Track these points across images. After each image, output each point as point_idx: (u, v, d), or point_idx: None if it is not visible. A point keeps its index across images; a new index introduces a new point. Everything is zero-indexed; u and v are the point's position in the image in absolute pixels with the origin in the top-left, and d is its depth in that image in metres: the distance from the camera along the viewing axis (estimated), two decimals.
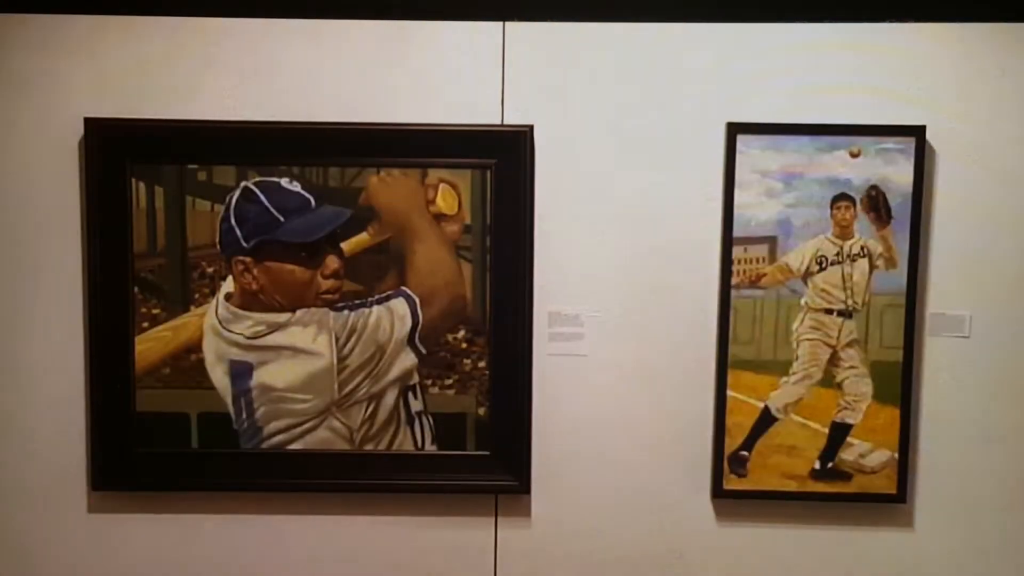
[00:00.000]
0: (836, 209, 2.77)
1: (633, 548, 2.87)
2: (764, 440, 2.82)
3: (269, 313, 2.81)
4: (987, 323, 2.80)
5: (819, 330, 2.79)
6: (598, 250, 2.82)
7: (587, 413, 2.85)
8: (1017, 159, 2.78)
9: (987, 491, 2.83)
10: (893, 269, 2.77)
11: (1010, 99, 2.77)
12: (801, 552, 2.86)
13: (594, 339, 2.83)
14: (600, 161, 2.81)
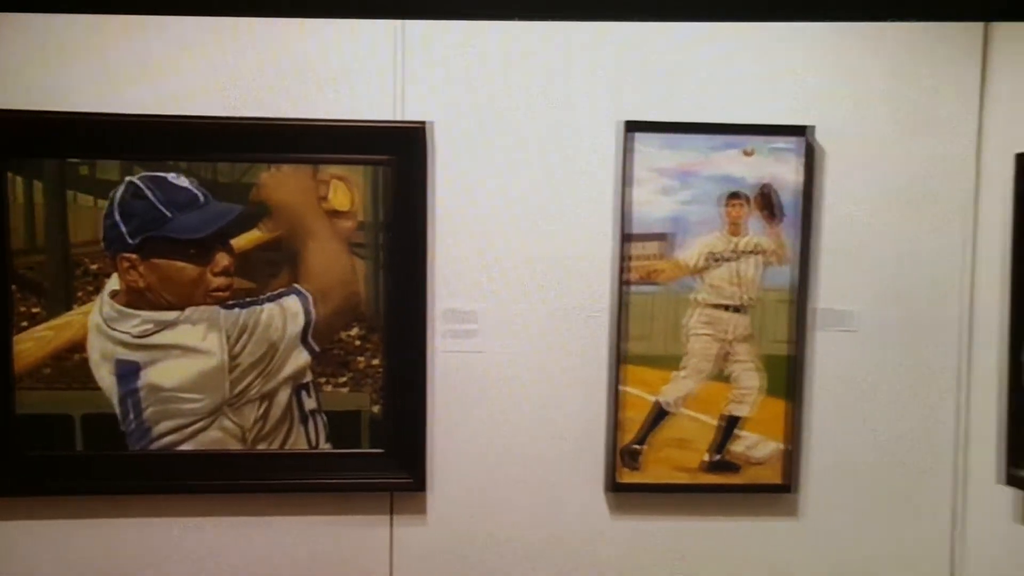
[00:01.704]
0: (729, 207, 2.81)
1: (528, 543, 2.88)
2: (656, 434, 2.85)
3: (157, 311, 2.73)
4: (873, 318, 2.88)
5: (711, 325, 2.84)
6: (495, 247, 2.81)
7: (482, 409, 2.84)
8: (901, 158, 2.86)
9: (869, 481, 2.92)
10: (783, 265, 2.83)
11: (895, 99, 2.85)
12: (693, 543, 2.91)
13: (489, 336, 2.83)
14: (497, 158, 2.79)
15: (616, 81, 2.80)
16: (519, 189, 2.80)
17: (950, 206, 2.88)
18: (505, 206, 2.80)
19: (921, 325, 2.89)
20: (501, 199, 2.80)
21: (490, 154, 2.79)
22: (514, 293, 2.83)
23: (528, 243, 2.82)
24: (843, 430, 2.90)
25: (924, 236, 2.88)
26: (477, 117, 2.78)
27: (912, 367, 2.89)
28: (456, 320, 2.81)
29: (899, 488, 2.92)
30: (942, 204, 2.88)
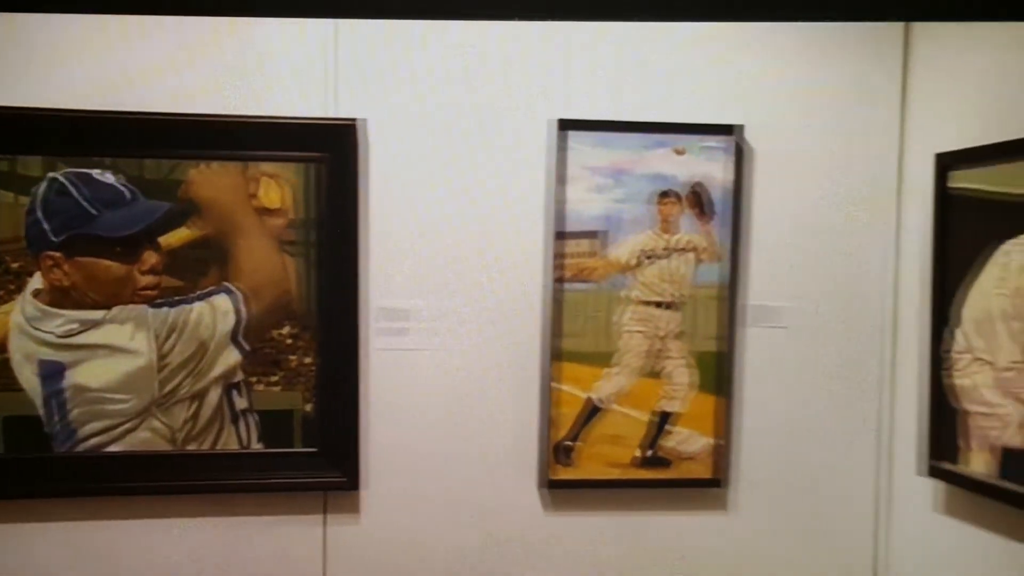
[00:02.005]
0: (661, 205, 2.84)
1: (463, 541, 2.87)
2: (590, 430, 2.87)
3: (82, 311, 2.66)
4: (801, 314, 2.94)
5: (644, 322, 2.86)
6: (429, 245, 2.80)
7: (416, 407, 2.83)
8: (826, 156, 2.92)
9: (797, 475, 2.97)
10: (715, 263, 2.87)
11: (821, 99, 2.90)
12: (626, 537, 2.94)
13: (423, 333, 2.82)
14: (431, 156, 2.79)
15: (550, 80, 2.81)
16: (453, 187, 2.80)
17: (874, 204, 2.94)
18: (439, 204, 2.80)
19: (847, 321, 2.95)
20: (435, 197, 2.79)
21: (424, 152, 2.78)
22: (448, 291, 2.82)
23: (462, 241, 2.81)
24: (772, 425, 2.95)
25: (849, 233, 2.94)
26: (411, 115, 2.77)
27: (838, 362, 2.96)
28: (390, 318, 2.80)
29: (825, 481, 2.98)
30: (866, 202, 2.94)
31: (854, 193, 2.93)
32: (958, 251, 2.62)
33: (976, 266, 2.55)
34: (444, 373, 2.83)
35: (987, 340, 2.52)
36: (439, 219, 2.80)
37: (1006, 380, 2.46)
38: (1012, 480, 2.45)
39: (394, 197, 2.78)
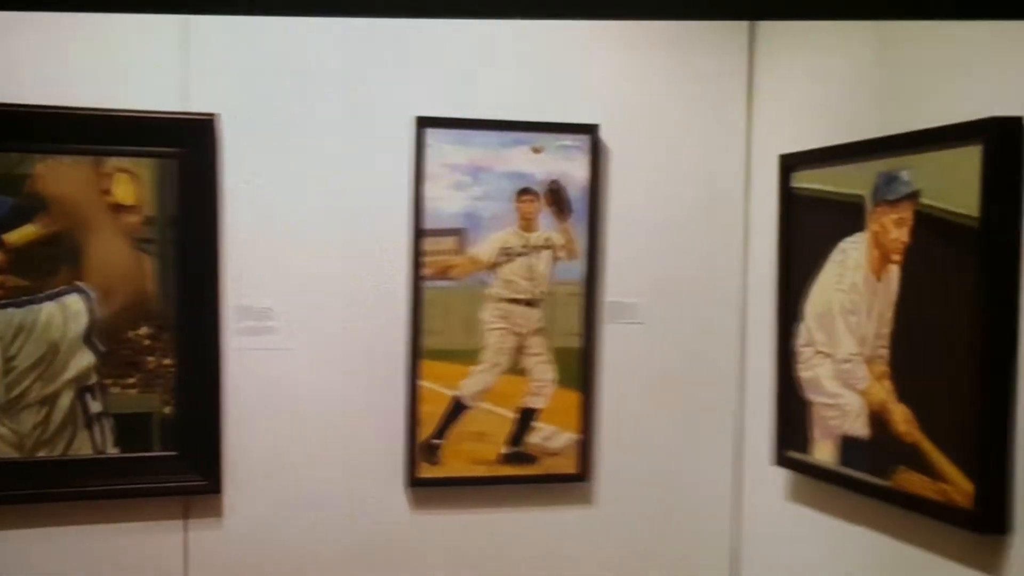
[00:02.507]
0: (520, 203, 2.88)
1: (329, 541, 2.85)
2: (455, 428, 2.88)
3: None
4: (657, 310, 3.01)
5: (506, 319, 2.89)
6: (290, 243, 2.78)
7: (280, 407, 2.80)
8: (679, 156, 3.00)
9: (658, 467, 3.03)
10: (574, 260, 2.91)
11: (673, 99, 2.98)
12: (493, 534, 2.95)
13: (286, 332, 2.79)
14: (291, 152, 2.76)
15: (409, 77, 2.82)
16: (313, 184, 2.78)
17: (724, 203, 3.03)
18: (300, 201, 2.78)
19: (700, 316, 3.03)
20: (295, 194, 2.77)
21: (283, 148, 2.76)
22: (311, 289, 2.80)
23: (324, 239, 2.80)
24: (632, 419, 3.01)
25: (701, 231, 3.02)
26: (269, 110, 2.75)
27: (693, 356, 3.04)
28: (251, 317, 2.77)
29: (684, 472, 3.05)
30: (717, 201, 3.03)
31: (705, 192, 3.02)
32: (802, 249, 2.72)
33: (818, 263, 2.65)
34: (308, 372, 2.81)
35: (828, 334, 2.62)
36: (300, 216, 2.78)
37: (845, 372, 2.56)
38: (851, 467, 2.55)
39: (254, 194, 2.75)
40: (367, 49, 2.80)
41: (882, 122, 2.48)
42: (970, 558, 2.27)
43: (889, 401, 2.42)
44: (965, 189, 2.20)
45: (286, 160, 2.77)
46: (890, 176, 2.41)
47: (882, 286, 2.44)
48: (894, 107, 2.48)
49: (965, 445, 2.21)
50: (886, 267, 2.43)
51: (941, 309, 2.28)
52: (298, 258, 2.78)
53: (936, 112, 2.32)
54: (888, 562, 2.51)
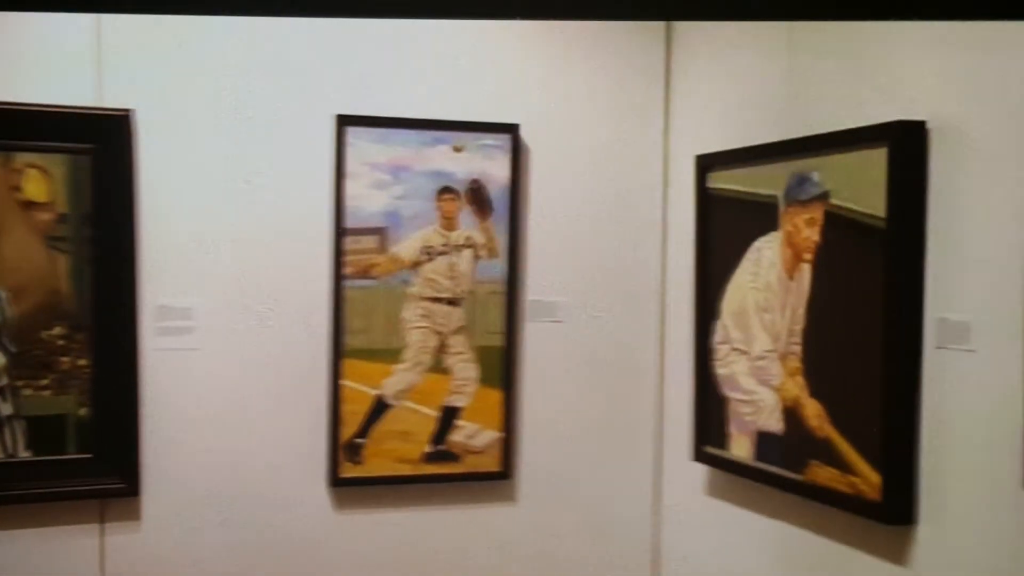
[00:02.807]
0: (441, 201, 2.88)
1: (251, 543, 2.82)
2: (378, 427, 2.88)
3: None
4: (578, 309, 3.03)
5: (428, 318, 2.89)
6: (210, 241, 2.74)
7: (200, 408, 2.76)
8: (599, 156, 3.03)
9: (580, 464, 3.06)
10: (495, 259, 2.93)
11: (592, 100, 3.00)
12: (417, 533, 2.95)
13: (206, 332, 2.76)
14: (209, 150, 2.73)
15: (330, 75, 2.80)
16: (234, 182, 2.75)
17: (643, 203, 3.07)
18: (220, 199, 2.74)
19: (620, 315, 3.07)
20: (215, 192, 2.74)
21: (201, 145, 2.73)
22: (231, 288, 2.77)
23: (245, 237, 2.77)
24: (553, 416, 3.03)
25: (621, 231, 3.06)
26: (187, 107, 2.71)
27: (613, 354, 3.07)
28: (169, 316, 2.73)
29: (606, 468, 3.08)
30: (636, 200, 3.07)
31: (624, 191, 3.05)
32: (718, 248, 2.77)
33: (734, 262, 2.70)
34: (229, 372, 2.78)
35: (743, 331, 2.67)
36: (220, 214, 2.75)
37: (759, 369, 2.61)
38: (766, 461, 2.60)
39: (172, 191, 2.71)
40: (288, 46, 2.78)
41: (794, 124, 2.53)
42: (879, 548, 2.33)
43: (802, 397, 2.47)
44: (872, 190, 2.25)
45: (204, 157, 2.73)
46: (802, 177, 2.47)
47: (795, 284, 2.49)
48: (806, 109, 2.53)
49: (873, 439, 2.27)
50: (798, 266, 2.48)
51: (850, 307, 2.34)
52: (218, 257, 2.75)
53: (846, 115, 2.38)
54: (802, 554, 2.56)
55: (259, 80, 2.76)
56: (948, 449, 2.17)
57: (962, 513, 2.15)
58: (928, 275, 2.21)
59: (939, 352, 2.19)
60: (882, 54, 2.33)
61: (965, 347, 2.13)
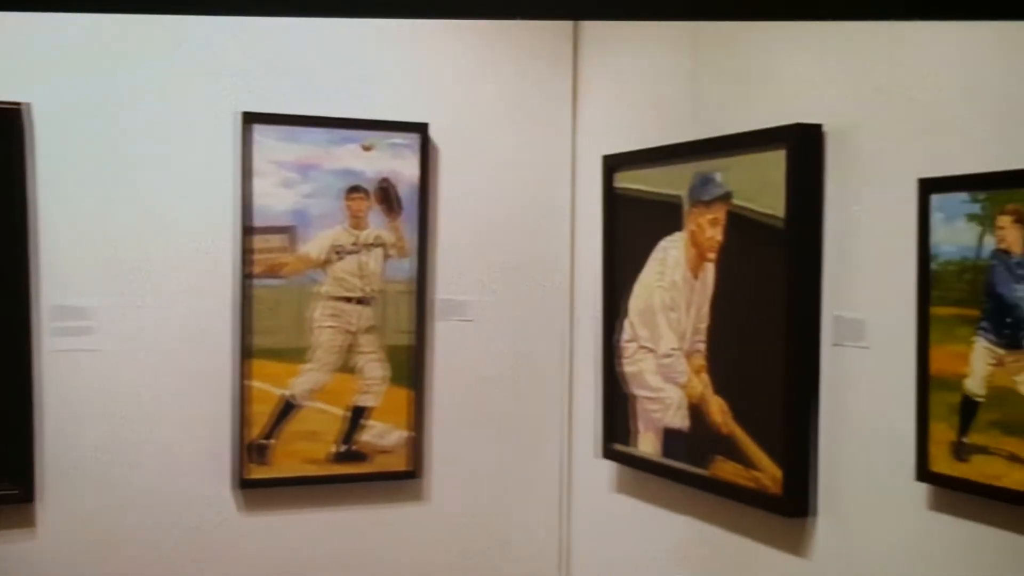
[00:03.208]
0: (350, 200, 2.86)
1: (153, 546, 2.76)
2: (285, 427, 2.84)
3: None
4: (487, 308, 3.04)
5: (337, 317, 2.87)
6: (110, 239, 2.68)
7: (100, 410, 2.70)
8: (508, 155, 3.04)
9: (489, 462, 3.06)
10: (404, 258, 2.92)
11: (501, 100, 3.02)
12: (325, 534, 2.92)
13: (107, 333, 2.69)
14: (110, 147, 2.67)
15: (235, 72, 2.76)
16: (135, 180, 2.69)
17: (552, 202, 3.10)
18: (120, 196, 2.68)
19: (529, 313, 3.09)
20: (115, 189, 2.68)
21: (100, 141, 2.66)
22: (132, 288, 2.71)
23: (147, 235, 2.71)
24: (463, 415, 3.04)
25: (531, 230, 3.08)
26: (85, 102, 2.64)
27: (522, 353, 3.09)
28: (67, 317, 2.66)
29: (515, 466, 3.10)
30: (545, 200, 3.09)
31: (533, 191, 3.08)
32: (625, 247, 2.81)
33: (640, 261, 2.73)
34: (130, 373, 2.72)
35: (650, 330, 2.71)
36: (120, 212, 2.68)
37: (666, 366, 2.66)
38: (672, 458, 2.65)
39: (69, 188, 2.64)
40: (191, 43, 2.72)
41: (699, 126, 2.58)
42: (780, 541, 2.39)
43: (707, 394, 2.52)
44: (772, 191, 2.31)
45: (103, 154, 2.67)
46: (705, 178, 2.52)
47: (699, 283, 2.54)
48: (710, 111, 2.58)
49: (774, 434, 2.33)
50: (703, 265, 2.53)
51: (752, 305, 2.40)
52: (118, 255, 2.69)
53: (747, 117, 2.43)
54: (708, 547, 2.62)
55: (163, 76, 2.70)
56: (845, 443, 2.24)
57: (858, 505, 2.22)
58: (825, 274, 2.28)
59: (836, 349, 2.26)
60: (782, 58, 2.39)
61: (860, 344, 2.20)
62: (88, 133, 2.65)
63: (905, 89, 2.11)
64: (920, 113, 2.08)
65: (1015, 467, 1.89)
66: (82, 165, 2.65)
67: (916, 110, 2.09)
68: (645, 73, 2.83)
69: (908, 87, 2.11)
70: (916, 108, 2.09)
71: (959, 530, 2.02)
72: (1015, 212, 1.89)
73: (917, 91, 2.09)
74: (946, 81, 2.04)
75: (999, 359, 1.92)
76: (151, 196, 2.71)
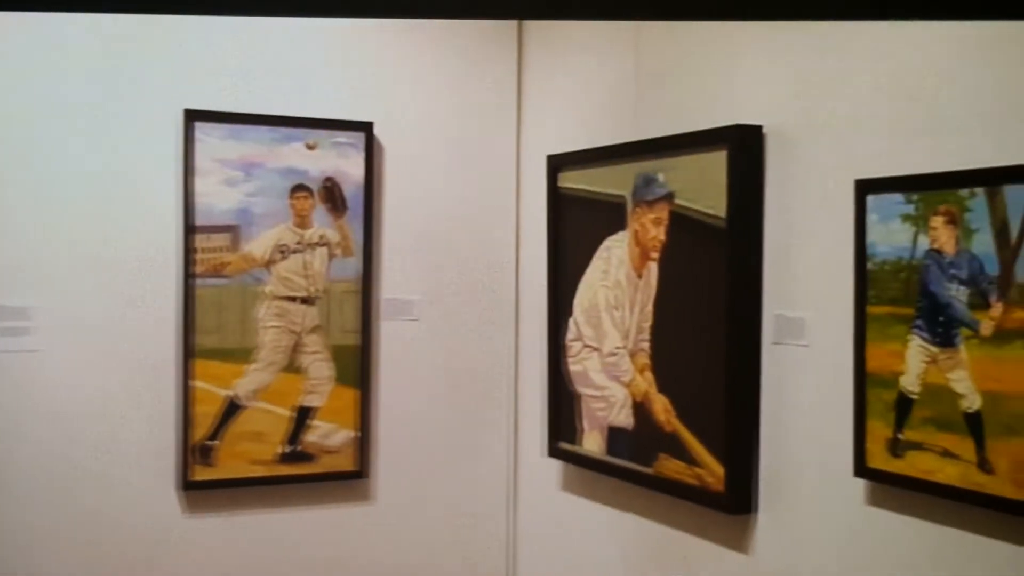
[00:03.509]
0: (295, 199, 2.84)
1: (96, 551, 2.72)
2: (231, 428, 2.82)
3: None
4: (433, 307, 3.04)
5: (283, 317, 2.85)
6: (50, 239, 2.64)
7: (40, 412, 2.65)
8: (454, 155, 3.04)
9: (436, 461, 3.06)
10: (350, 257, 2.90)
11: (446, 99, 3.02)
12: (272, 535, 2.90)
13: (47, 333, 2.65)
14: (46, 143, 2.63)
15: (179, 70, 2.73)
16: (72, 177, 2.65)
17: (497, 202, 3.10)
18: (60, 196, 2.64)
19: (475, 312, 3.09)
20: (54, 188, 2.64)
21: (38, 138, 2.62)
22: (72, 288, 2.67)
23: (88, 235, 2.67)
24: (410, 414, 3.03)
25: (477, 229, 3.08)
26: (27, 99, 2.60)
27: (469, 352, 3.09)
28: (6, 317, 2.61)
29: (462, 465, 3.10)
30: (490, 199, 3.10)
31: (478, 190, 3.08)
32: (570, 247, 2.82)
33: (585, 260, 2.75)
34: (71, 375, 2.68)
35: (595, 329, 2.72)
36: (60, 211, 2.65)
37: (610, 365, 2.67)
38: (617, 456, 2.66)
39: (8, 186, 2.59)
40: (136, 40, 2.69)
41: (642, 126, 2.60)
42: (722, 537, 2.42)
43: (651, 392, 2.54)
44: (714, 191, 2.33)
45: (40, 151, 2.62)
46: (648, 178, 2.53)
47: (643, 283, 2.56)
48: (653, 112, 2.60)
49: (717, 432, 2.35)
50: (646, 264, 2.55)
51: (695, 304, 2.42)
52: (57, 255, 2.65)
53: (689, 118, 2.45)
54: (652, 545, 2.63)
55: (103, 72, 2.67)
56: (785, 440, 2.27)
57: (799, 501, 2.24)
58: (766, 273, 2.30)
59: (776, 348, 2.28)
60: (723, 59, 2.41)
61: (800, 343, 2.23)
62: (29, 131, 2.61)
63: (843, 91, 2.14)
64: (857, 115, 2.11)
65: (948, 462, 1.93)
66: (22, 162, 2.61)
67: (854, 112, 2.12)
68: (589, 74, 2.84)
69: (846, 89, 2.14)
70: (854, 110, 2.12)
71: (895, 524, 2.05)
72: (947, 213, 1.93)
73: (855, 93, 2.12)
74: (883, 84, 2.07)
75: (933, 357, 1.96)
76: (93, 195, 2.67)
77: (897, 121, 2.04)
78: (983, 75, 1.91)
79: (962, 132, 1.93)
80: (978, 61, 1.91)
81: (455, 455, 3.09)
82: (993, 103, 1.89)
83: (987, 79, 1.90)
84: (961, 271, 1.91)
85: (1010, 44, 1.87)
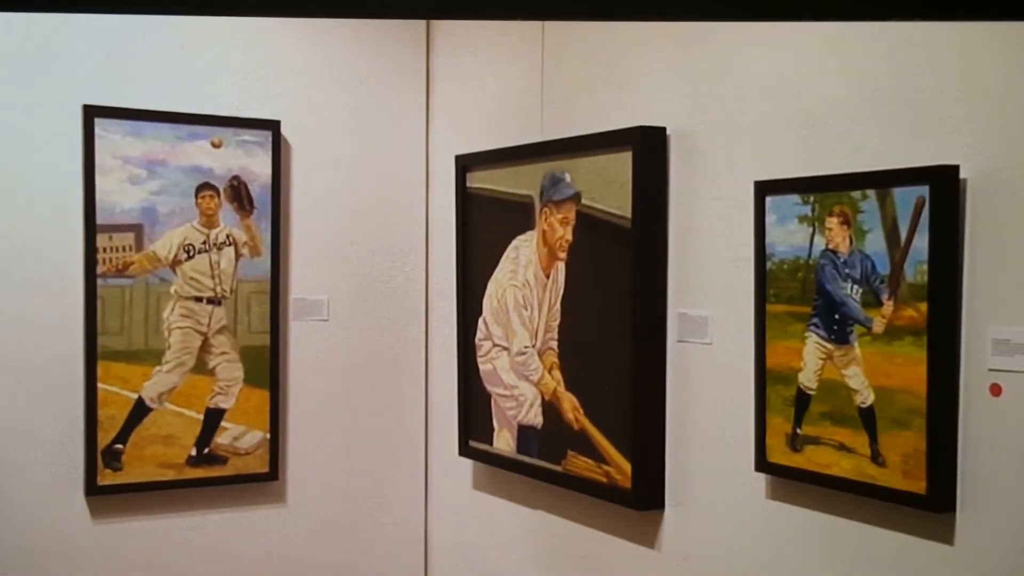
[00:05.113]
0: (200, 198, 2.80)
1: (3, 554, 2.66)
2: (139, 431, 2.77)
3: None
4: (344, 307, 3.02)
5: (190, 318, 2.81)
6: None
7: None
8: (363, 154, 3.02)
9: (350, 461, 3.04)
10: (258, 257, 2.87)
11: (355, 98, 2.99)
12: (183, 539, 2.85)
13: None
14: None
15: (79, 64, 2.67)
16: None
17: (406, 201, 3.10)
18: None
19: (387, 313, 3.08)
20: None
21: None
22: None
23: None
24: (323, 416, 3.01)
25: (386, 228, 3.07)
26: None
27: (380, 352, 3.08)
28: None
29: (374, 466, 3.09)
30: (400, 199, 3.09)
31: (387, 189, 3.07)
32: (479, 246, 2.82)
33: (494, 260, 2.75)
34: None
35: (504, 328, 2.73)
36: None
37: (520, 364, 2.68)
38: (528, 454, 2.67)
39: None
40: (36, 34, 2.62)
41: (549, 126, 2.61)
42: (631, 533, 2.44)
43: (559, 390, 2.56)
44: (619, 191, 2.35)
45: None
46: (555, 178, 2.55)
47: (551, 282, 2.57)
48: (559, 112, 2.62)
49: (624, 430, 2.38)
50: (554, 264, 2.56)
51: (601, 303, 2.44)
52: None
53: (595, 119, 2.47)
54: (562, 542, 2.65)
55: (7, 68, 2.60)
56: (691, 437, 2.30)
57: (704, 496, 2.28)
58: (670, 272, 2.33)
59: (680, 346, 2.32)
60: (628, 61, 2.43)
61: (704, 341, 2.26)
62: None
63: (743, 94, 2.18)
64: (757, 117, 2.15)
65: (844, 456, 1.98)
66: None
67: (753, 114, 2.15)
68: (497, 73, 2.84)
69: (746, 92, 2.17)
70: (754, 112, 2.15)
71: (794, 517, 2.10)
72: (841, 214, 1.97)
73: (755, 96, 2.15)
74: (781, 87, 2.10)
75: (829, 354, 2.00)
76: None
77: (794, 124, 2.08)
78: (875, 79, 1.95)
79: (855, 135, 1.97)
80: (870, 66, 1.96)
81: (368, 455, 3.07)
82: (886, 107, 1.93)
83: (879, 83, 1.94)
84: (855, 270, 1.95)
85: (903, 48, 1.91)
